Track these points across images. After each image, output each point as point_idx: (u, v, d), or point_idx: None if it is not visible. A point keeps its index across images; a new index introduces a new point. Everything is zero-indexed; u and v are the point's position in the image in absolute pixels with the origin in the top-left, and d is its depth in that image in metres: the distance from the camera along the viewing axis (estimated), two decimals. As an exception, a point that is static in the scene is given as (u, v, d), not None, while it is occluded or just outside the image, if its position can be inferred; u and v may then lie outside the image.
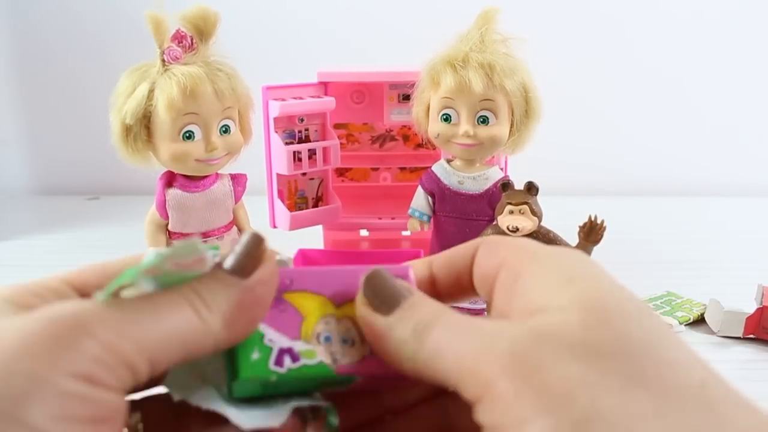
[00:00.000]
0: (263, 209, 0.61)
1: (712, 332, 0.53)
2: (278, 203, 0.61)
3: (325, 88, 0.63)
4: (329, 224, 0.66)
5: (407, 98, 0.59)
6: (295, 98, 0.60)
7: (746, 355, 0.50)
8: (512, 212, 0.49)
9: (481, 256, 0.23)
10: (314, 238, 0.68)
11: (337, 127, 0.67)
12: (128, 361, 0.17)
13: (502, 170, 0.58)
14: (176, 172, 0.50)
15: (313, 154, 0.60)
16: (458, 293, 0.24)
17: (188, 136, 0.48)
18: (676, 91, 0.97)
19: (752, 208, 0.91)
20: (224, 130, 0.49)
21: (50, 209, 0.95)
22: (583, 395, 0.16)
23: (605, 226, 0.48)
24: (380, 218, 0.67)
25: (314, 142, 0.62)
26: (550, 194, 0.57)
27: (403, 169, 0.71)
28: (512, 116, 0.53)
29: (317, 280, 0.23)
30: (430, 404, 0.24)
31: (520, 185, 0.50)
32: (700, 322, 0.55)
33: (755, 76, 0.96)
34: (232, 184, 0.52)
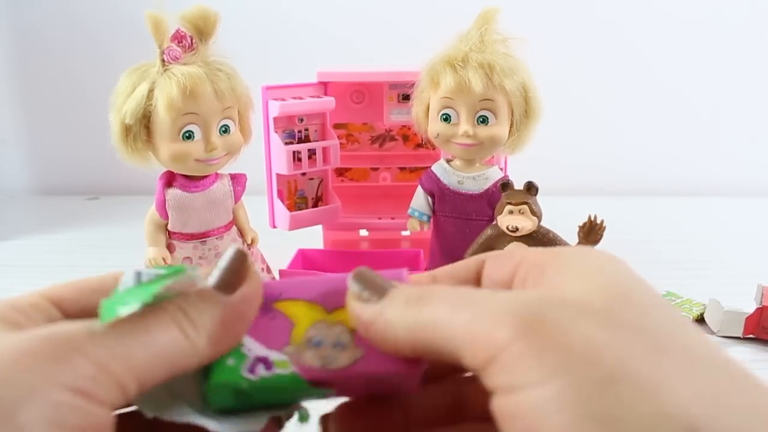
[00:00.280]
0: (263, 209, 0.61)
1: (711, 332, 0.53)
2: (278, 203, 0.61)
3: (324, 88, 0.63)
4: (329, 224, 0.66)
5: (407, 98, 0.59)
6: (294, 98, 0.60)
7: (746, 355, 0.50)
8: (512, 212, 0.49)
9: (491, 267, 0.23)
10: (314, 238, 0.69)
11: (336, 127, 0.67)
12: (118, 380, 0.18)
13: (501, 170, 0.58)
14: (176, 172, 0.50)
15: (312, 154, 0.60)
16: None
17: (188, 136, 0.48)
18: (675, 91, 0.97)
19: (752, 208, 0.91)
20: (224, 130, 0.49)
21: (50, 209, 0.95)
22: (609, 356, 0.16)
23: (605, 226, 0.48)
24: (380, 218, 0.67)
25: (314, 142, 0.62)
26: (549, 194, 0.57)
27: (402, 169, 0.71)
28: (512, 116, 0.53)
29: (307, 288, 0.24)
30: (440, 384, 0.24)
31: (519, 185, 0.50)
32: (699, 322, 0.55)
33: (755, 76, 0.96)
34: (231, 183, 0.52)
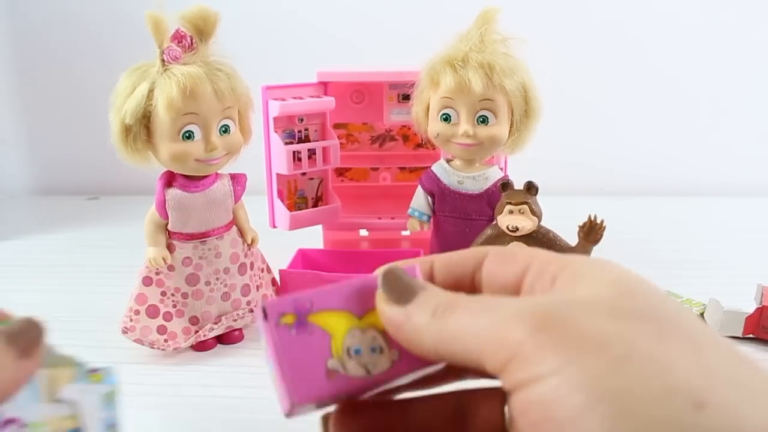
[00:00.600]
0: (263, 209, 0.61)
1: (711, 332, 0.53)
2: (278, 203, 0.61)
3: (324, 88, 0.63)
4: (329, 224, 0.66)
5: (407, 98, 0.59)
6: (294, 98, 0.60)
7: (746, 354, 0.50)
8: (512, 212, 0.49)
9: (493, 265, 0.24)
10: (314, 237, 0.69)
11: (336, 127, 0.67)
12: None
13: (501, 170, 0.58)
14: (176, 172, 0.50)
15: (312, 153, 0.60)
16: None
17: (188, 136, 0.48)
18: (676, 91, 0.97)
19: (752, 208, 0.91)
20: (224, 130, 0.49)
21: (50, 209, 0.95)
22: (618, 342, 0.17)
23: (605, 225, 0.48)
24: (380, 218, 0.67)
25: (314, 141, 0.62)
26: (549, 194, 0.57)
27: (402, 168, 0.71)
28: (512, 116, 0.53)
29: (335, 296, 0.23)
30: (442, 395, 0.25)
31: (519, 185, 0.50)
32: (699, 322, 0.55)
33: (755, 76, 0.96)
34: (231, 183, 0.52)
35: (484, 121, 0.52)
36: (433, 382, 0.25)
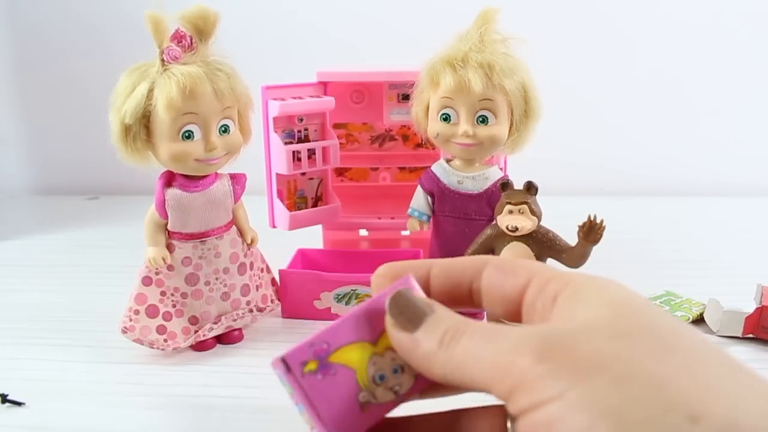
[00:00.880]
0: (263, 209, 0.61)
1: (711, 332, 0.53)
2: (278, 203, 0.61)
3: (324, 87, 0.63)
4: (329, 224, 0.66)
5: (407, 98, 0.59)
6: (294, 98, 0.60)
7: (745, 354, 0.50)
8: (512, 212, 0.49)
9: (493, 276, 0.25)
10: (314, 237, 0.69)
11: (336, 126, 0.67)
12: None
13: (501, 170, 0.58)
14: (176, 171, 0.50)
15: (312, 153, 0.60)
16: (451, 302, 0.25)
17: (187, 135, 0.48)
18: (675, 91, 0.97)
19: (752, 208, 0.91)
20: (223, 129, 0.49)
21: (50, 209, 0.95)
22: (617, 362, 0.18)
23: (605, 225, 0.48)
24: (380, 218, 0.67)
25: (313, 141, 0.62)
26: (549, 194, 0.57)
27: (402, 168, 0.71)
28: (511, 116, 0.53)
29: (347, 330, 0.24)
30: (444, 413, 0.26)
31: (519, 185, 0.50)
32: (699, 321, 0.55)
33: (755, 76, 0.96)
34: (231, 183, 0.52)
35: (483, 121, 0.52)
36: (443, 390, 0.25)
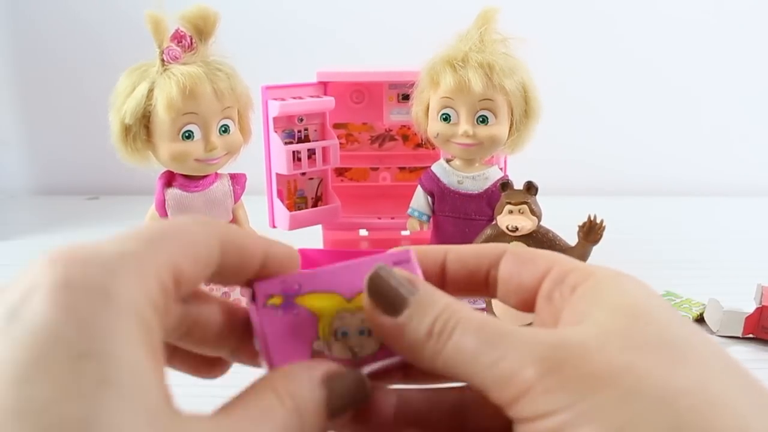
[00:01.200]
0: (263, 209, 0.61)
1: (711, 332, 0.53)
2: (278, 203, 0.61)
3: (324, 87, 0.63)
4: (329, 224, 0.66)
5: (407, 98, 0.59)
6: (294, 98, 0.60)
7: (745, 354, 0.50)
8: (512, 212, 0.49)
9: (510, 265, 0.24)
10: (314, 237, 0.68)
11: (336, 126, 0.67)
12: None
13: (501, 170, 0.58)
14: (176, 171, 0.50)
15: (312, 153, 0.60)
16: (466, 290, 0.25)
17: (187, 135, 0.48)
18: (675, 90, 0.97)
19: (752, 208, 0.91)
20: (223, 129, 0.49)
21: (50, 209, 0.95)
22: (628, 375, 0.17)
23: (605, 225, 0.48)
24: (380, 218, 0.67)
25: (313, 141, 0.62)
26: (549, 194, 0.57)
27: (402, 168, 0.71)
28: (511, 116, 0.53)
29: (325, 279, 0.23)
30: (446, 390, 0.24)
31: (519, 185, 0.50)
32: (699, 321, 0.55)
33: (755, 76, 0.96)
34: (231, 183, 0.52)
35: (483, 121, 0.52)
36: (432, 379, 0.24)
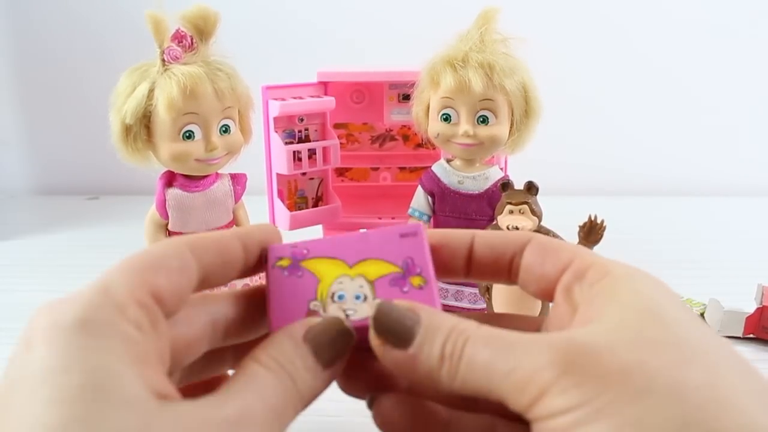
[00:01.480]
0: (263, 209, 0.61)
1: (711, 332, 0.53)
2: (278, 203, 0.61)
3: (324, 87, 0.63)
4: (329, 224, 0.66)
5: (407, 98, 0.59)
6: (294, 98, 0.60)
7: (746, 354, 0.50)
8: (512, 212, 0.49)
9: (534, 254, 0.24)
10: (314, 237, 0.68)
11: (336, 126, 0.67)
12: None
13: (501, 170, 0.58)
14: (176, 171, 0.50)
15: (312, 153, 0.60)
16: (489, 274, 0.25)
17: (188, 135, 0.48)
18: (676, 90, 0.97)
19: (752, 208, 0.91)
20: (224, 129, 0.49)
21: (50, 209, 0.95)
22: (639, 374, 0.18)
23: (605, 225, 0.48)
24: (380, 218, 0.67)
25: (314, 141, 0.62)
26: (550, 194, 0.57)
27: (402, 168, 0.71)
28: (512, 116, 0.53)
29: (331, 246, 0.25)
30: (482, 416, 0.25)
31: (520, 185, 0.50)
32: (699, 321, 0.55)
33: (755, 76, 0.96)
34: (231, 183, 0.52)
35: (484, 121, 0.52)
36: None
